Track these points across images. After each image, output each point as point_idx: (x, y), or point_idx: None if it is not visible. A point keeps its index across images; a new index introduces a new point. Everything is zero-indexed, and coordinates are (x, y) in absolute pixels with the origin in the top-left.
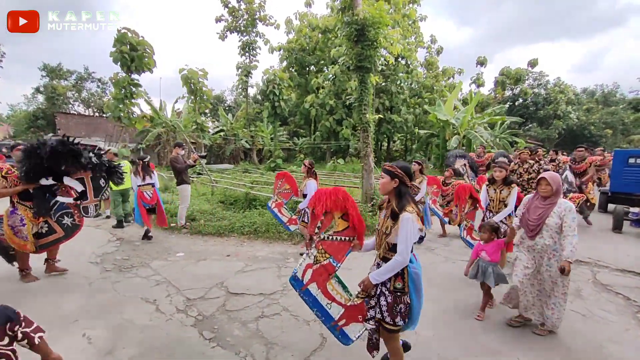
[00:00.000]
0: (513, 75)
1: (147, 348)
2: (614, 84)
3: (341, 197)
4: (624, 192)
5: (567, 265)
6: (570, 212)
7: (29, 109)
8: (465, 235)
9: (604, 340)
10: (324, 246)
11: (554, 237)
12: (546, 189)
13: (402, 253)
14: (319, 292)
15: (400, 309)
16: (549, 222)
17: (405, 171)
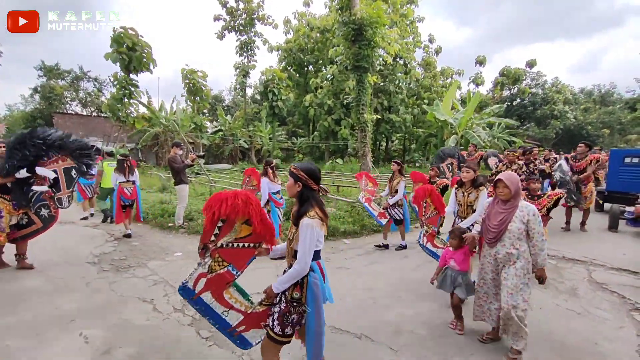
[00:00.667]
0: (512, 75)
1: (144, 347)
2: (611, 84)
3: (241, 201)
4: (620, 191)
5: (542, 274)
6: (534, 216)
7: (26, 109)
8: (424, 242)
9: (599, 337)
10: (221, 254)
11: (515, 245)
12: (504, 192)
13: (300, 261)
14: (214, 301)
15: (292, 319)
16: (511, 228)
17: (308, 174)
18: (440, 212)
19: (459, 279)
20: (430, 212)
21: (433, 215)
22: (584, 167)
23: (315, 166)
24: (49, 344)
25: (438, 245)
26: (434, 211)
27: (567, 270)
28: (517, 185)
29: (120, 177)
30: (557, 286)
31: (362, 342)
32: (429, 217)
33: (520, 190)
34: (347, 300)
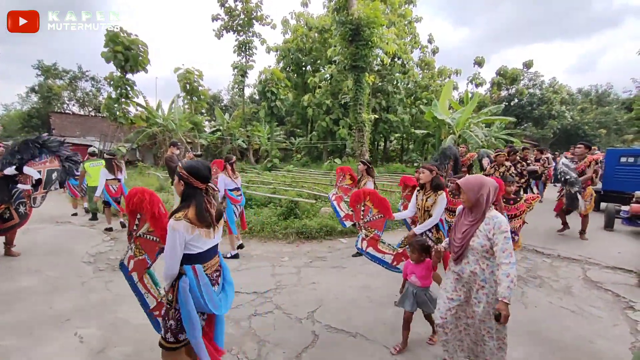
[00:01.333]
0: (509, 75)
1: (140, 346)
2: (607, 84)
3: (147, 198)
4: (616, 190)
5: (503, 309)
6: (501, 230)
7: (23, 108)
8: (364, 247)
9: (593, 335)
10: (140, 242)
11: (481, 264)
12: (462, 199)
13: (164, 264)
14: (138, 282)
15: (170, 325)
16: (473, 244)
17: (191, 172)
18: (386, 216)
19: (422, 296)
20: (372, 215)
21: (377, 218)
22: (582, 170)
23: (202, 164)
24: (44, 343)
25: (383, 251)
26: (378, 214)
27: (562, 268)
28: (477, 191)
29: (108, 175)
30: (551, 284)
31: (358, 340)
32: (370, 221)
33: (483, 198)
34: (342, 299)
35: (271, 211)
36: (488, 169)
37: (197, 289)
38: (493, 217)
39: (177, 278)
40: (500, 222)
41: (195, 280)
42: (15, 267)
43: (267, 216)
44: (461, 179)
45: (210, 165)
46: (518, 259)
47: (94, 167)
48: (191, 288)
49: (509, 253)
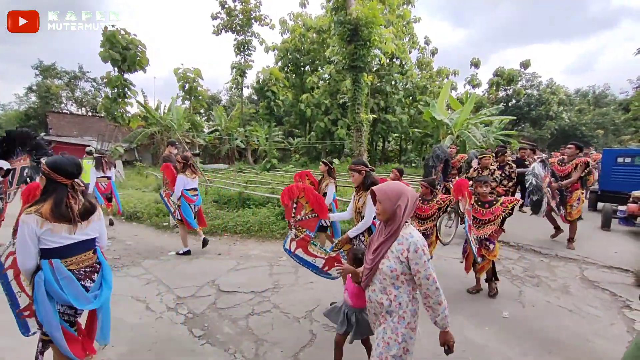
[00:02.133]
0: (506, 75)
1: (136, 346)
2: (605, 85)
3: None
4: (613, 190)
5: (449, 339)
6: (417, 253)
7: (20, 108)
8: (291, 248)
9: (590, 334)
10: (300, 225)
11: (388, 292)
12: (378, 209)
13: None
14: (304, 254)
15: None
16: (382, 267)
17: (52, 167)
18: (320, 215)
19: (352, 318)
20: (305, 214)
21: (310, 217)
22: (569, 172)
23: (69, 160)
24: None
25: (314, 254)
26: (312, 213)
27: (559, 268)
28: (394, 201)
29: (98, 173)
30: (549, 284)
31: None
32: (302, 220)
33: (402, 210)
34: (340, 298)
35: (269, 211)
36: (471, 172)
37: (54, 283)
38: (407, 236)
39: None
40: (416, 242)
41: (52, 275)
42: None
43: (265, 216)
44: (376, 185)
45: (79, 163)
46: (515, 258)
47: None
48: (47, 282)
49: (434, 279)
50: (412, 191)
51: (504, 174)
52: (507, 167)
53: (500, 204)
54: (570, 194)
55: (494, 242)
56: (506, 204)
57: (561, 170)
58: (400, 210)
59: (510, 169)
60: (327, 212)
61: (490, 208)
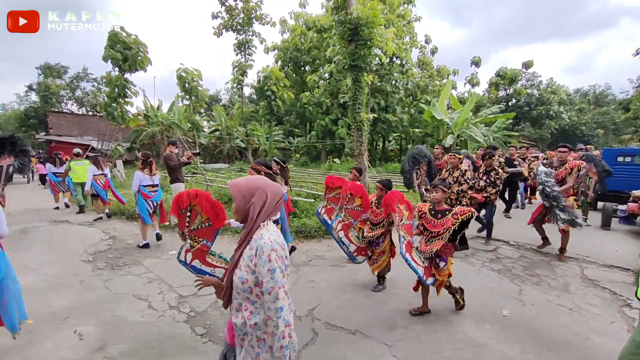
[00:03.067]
0: (509, 75)
1: (138, 344)
2: (605, 85)
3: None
4: (613, 189)
5: None
6: (263, 260)
7: (20, 107)
8: (187, 259)
9: (590, 332)
10: (195, 234)
11: (244, 309)
12: (233, 208)
13: None
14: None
15: None
16: (234, 279)
17: None
18: (215, 225)
19: None
20: (200, 222)
21: (205, 226)
22: (563, 177)
23: None
24: (42, 341)
25: (213, 264)
26: (207, 222)
27: (559, 267)
28: (248, 198)
29: (95, 171)
30: (549, 283)
31: (357, 337)
32: (196, 229)
33: (258, 208)
34: (341, 297)
35: None
36: (443, 173)
37: None
38: (258, 238)
39: None
40: (263, 244)
41: None
42: (13, 265)
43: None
44: (231, 180)
45: None
46: (515, 257)
47: (79, 166)
48: None
49: (276, 295)
50: (274, 188)
51: (488, 180)
52: (493, 173)
53: (452, 215)
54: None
55: (445, 259)
56: (457, 216)
57: (554, 175)
58: (253, 209)
59: (497, 175)
60: (225, 219)
61: (442, 219)
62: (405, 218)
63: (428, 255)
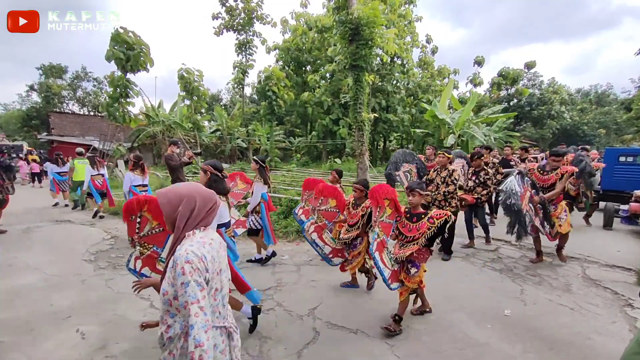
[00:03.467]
0: (511, 76)
1: (140, 343)
2: (607, 85)
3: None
4: (615, 189)
5: None
6: (174, 268)
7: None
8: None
9: (591, 332)
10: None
11: (164, 322)
12: None
13: None
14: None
15: None
16: (162, 290)
17: None
18: (166, 230)
19: None
20: (150, 228)
21: (156, 232)
22: (552, 183)
23: None
24: (44, 340)
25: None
26: (158, 227)
27: (561, 266)
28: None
29: (92, 171)
30: (551, 282)
31: (358, 337)
32: (147, 235)
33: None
34: (342, 296)
35: None
36: (431, 173)
37: None
38: (178, 249)
39: None
40: (178, 257)
41: None
42: (15, 265)
43: None
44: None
45: None
46: (517, 257)
47: (80, 165)
48: None
49: (188, 310)
50: (205, 194)
51: (477, 180)
52: (483, 173)
53: (427, 219)
54: (555, 207)
55: (417, 265)
56: (433, 220)
57: (543, 180)
58: (181, 218)
59: (486, 175)
60: None
61: (417, 223)
62: (387, 216)
63: (400, 259)
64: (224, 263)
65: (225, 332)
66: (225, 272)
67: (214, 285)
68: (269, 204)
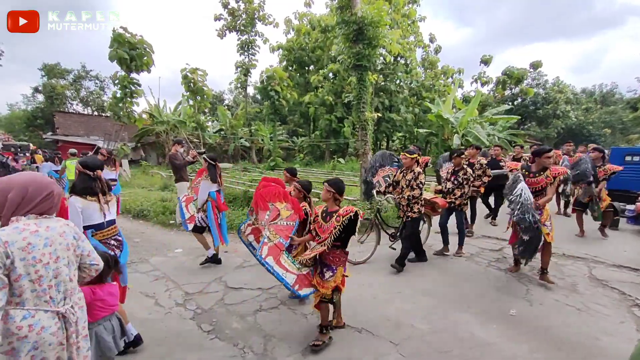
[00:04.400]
0: (516, 75)
1: (146, 340)
2: (612, 84)
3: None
4: (621, 189)
5: None
6: None
7: (27, 108)
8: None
9: (599, 332)
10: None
11: None
12: None
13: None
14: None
15: None
16: None
17: None
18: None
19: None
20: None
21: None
22: (542, 187)
23: None
24: None
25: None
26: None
27: (567, 267)
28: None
29: None
30: (557, 282)
31: (363, 335)
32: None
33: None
34: (347, 295)
35: None
36: (397, 175)
37: None
38: None
39: None
40: None
41: None
42: None
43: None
44: None
45: None
46: None
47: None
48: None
49: None
50: (40, 185)
51: (456, 182)
52: (462, 173)
53: (335, 216)
54: (540, 213)
55: (333, 268)
56: (340, 217)
57: (532, 183)
58: (9, 206)
59: (465, 175)
60: None
61: (329, 222)
62: (285, 218)
63: (306, 262)
64: (64, 252)
65: (59, 316)
66: (63, 260)
67: (36, 271)
68: (218, 203)
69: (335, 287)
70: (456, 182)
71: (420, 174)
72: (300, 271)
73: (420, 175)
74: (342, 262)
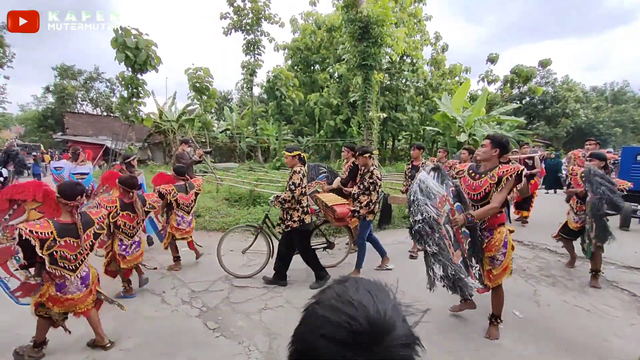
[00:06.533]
0: (525, 73)
1: (152, 337)
2: (623, 82)
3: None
4: (632, 189)
5: None
6: None
7: (38, 108)
8: None
9: (608, 334)
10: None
11: None
12: None
13: None
14: None
15: None
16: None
17: None
18: None
19: None
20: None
21: None
22: (486, 192)
23: None
24: (57, 335)
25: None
26: None
27: (576, 267)
28: None
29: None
30: (565, 284)
31: None
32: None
33: None
34: None
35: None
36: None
37: None
38: None
39: None
40: None
41: None
42: None
43: (276, 213)
44: None
45: None
46: (529, 257)
47: None
48: None
49: None
50: None
51: (362, 186)
52: (367, 176)
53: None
54: (490, 235)
55: None
56: None
57: (472, 188)
58: None
59: (370, 178)
60: None
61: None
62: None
63: None
64: None
65: None
66: None
67: None
68: None
69: None
70: (362, 187)
71: (374, 177)
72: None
73: (294, 175)
74: None
